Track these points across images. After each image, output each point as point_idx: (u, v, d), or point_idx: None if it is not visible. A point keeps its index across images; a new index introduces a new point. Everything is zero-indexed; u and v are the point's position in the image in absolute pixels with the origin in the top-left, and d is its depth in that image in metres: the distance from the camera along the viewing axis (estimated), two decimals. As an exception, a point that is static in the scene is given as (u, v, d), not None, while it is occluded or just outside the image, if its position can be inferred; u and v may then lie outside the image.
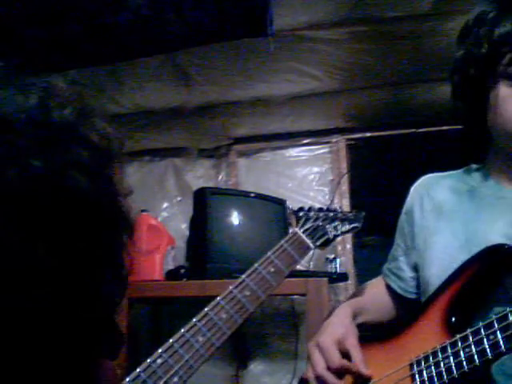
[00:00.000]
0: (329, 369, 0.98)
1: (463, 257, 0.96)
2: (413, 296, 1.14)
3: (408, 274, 1.14)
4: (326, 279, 2.01)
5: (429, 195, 1.12)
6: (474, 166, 1.12)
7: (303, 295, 2.01)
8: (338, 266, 2.42)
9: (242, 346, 2.59)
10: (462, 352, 0.86)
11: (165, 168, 2.89)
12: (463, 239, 0.99)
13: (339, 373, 0.98)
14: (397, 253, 1.18)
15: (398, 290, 1.16)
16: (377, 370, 1.00)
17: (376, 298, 1.19)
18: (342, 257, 2.55)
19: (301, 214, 1.10)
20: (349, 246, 2.62)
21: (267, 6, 1.77)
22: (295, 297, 2.51)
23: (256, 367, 2.60)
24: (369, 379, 0.99)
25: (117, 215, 0.56)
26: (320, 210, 1.13)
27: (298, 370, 2.44)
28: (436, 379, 0.89)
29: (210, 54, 2.12)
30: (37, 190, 0.47)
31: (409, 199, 1.18)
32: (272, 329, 2.59)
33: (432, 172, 1.19)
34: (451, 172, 1.15)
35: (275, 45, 1.96)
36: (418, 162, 2.65)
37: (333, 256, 2.44)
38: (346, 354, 1.01)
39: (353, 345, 1.01)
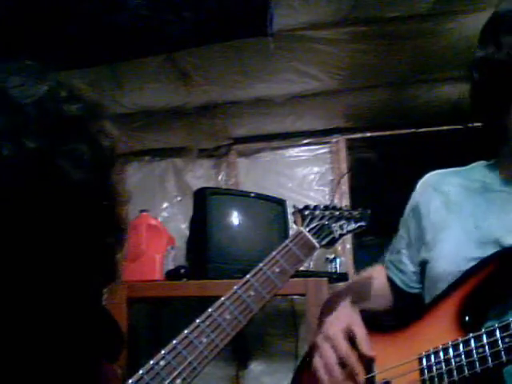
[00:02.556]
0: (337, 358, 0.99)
1: (476, 254, 0.94)
2: (414, 290, 1.13)
3: (410, 268, 1.13)
4: (325, 279, 2.01)
5: (436, 191, 1.10)
6: (482, 162, 1.10)
7: (303, 295, 2.01)
8: (338, 265, 2.41)
9: (242, 346, 2.59)
10: (474, 352, 0.85)
11: (165, 168, 2.88)
12: (475, 236, 0.98)
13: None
14: (399, 245, 1.17)
15: (400, 284, 1.15)
16: (383, 359, 0.99)
17: (375, 286, 1.18)
18: (342, 257, 2.54)
19: (306, 212, 1.07)
20: (349, 246, 2.62)
21: (267, 6, 1.77)
22: (295, 297, 2.51)
23: (256, 367, 2.60)
24: (372, 360, 0.99)
25: (107, 215, 0.57)
26: (326, 208, 1.10)
27: (298, 370, 2.44)
28: (446, 376, 0.88)
29: (210, 54, 2.12)
30: (25, 169, 0.48)
31: (415, 195, 1.16)
32: (272, 329, 2.58)
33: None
34: (458, 168, 1.14)
35: (275, 45, 1.96)
36: (418, 161, 2.64)
37: (333, 256, 2.44)
38: (353, 341, 1.01)
39: (359, 327, 1.02)
